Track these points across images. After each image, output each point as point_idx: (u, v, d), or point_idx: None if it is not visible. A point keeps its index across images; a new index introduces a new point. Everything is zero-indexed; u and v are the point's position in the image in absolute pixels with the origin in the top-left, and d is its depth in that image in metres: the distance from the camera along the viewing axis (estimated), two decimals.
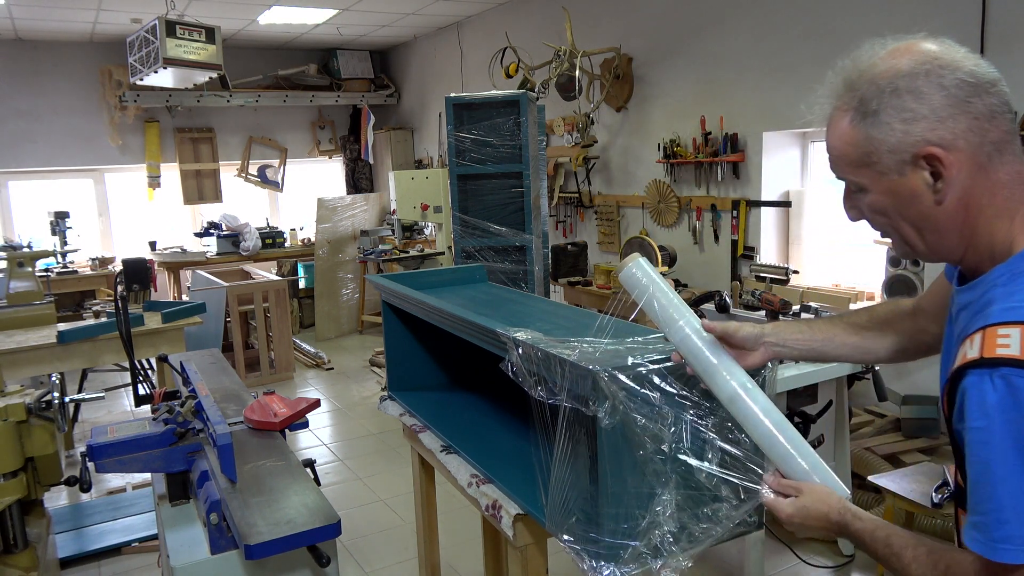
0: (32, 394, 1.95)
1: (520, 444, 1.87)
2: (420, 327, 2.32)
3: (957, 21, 3.40)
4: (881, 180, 0.99)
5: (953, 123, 0.93)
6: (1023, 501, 0.84)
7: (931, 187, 0.96)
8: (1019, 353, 0.84)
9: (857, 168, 1.01)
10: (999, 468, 0.85)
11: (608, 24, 5.47)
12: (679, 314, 1.23)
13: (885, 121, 0.96)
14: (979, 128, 0.94)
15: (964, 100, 0.93)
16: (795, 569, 2.99)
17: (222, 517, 1.52)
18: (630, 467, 1.29)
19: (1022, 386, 0.83)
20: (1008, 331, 0.86)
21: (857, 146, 0.99)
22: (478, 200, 3.86)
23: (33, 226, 7.16)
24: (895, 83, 0.95)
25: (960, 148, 0.94)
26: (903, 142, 0.95)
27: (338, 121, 8.99)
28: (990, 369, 0.86)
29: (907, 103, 0.94)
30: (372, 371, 6.20)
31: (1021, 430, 0.84)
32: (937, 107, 0.93)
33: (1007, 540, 0.85)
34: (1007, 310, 0.89)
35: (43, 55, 7.27)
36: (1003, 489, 0.85)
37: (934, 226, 0.99)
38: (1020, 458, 0.84)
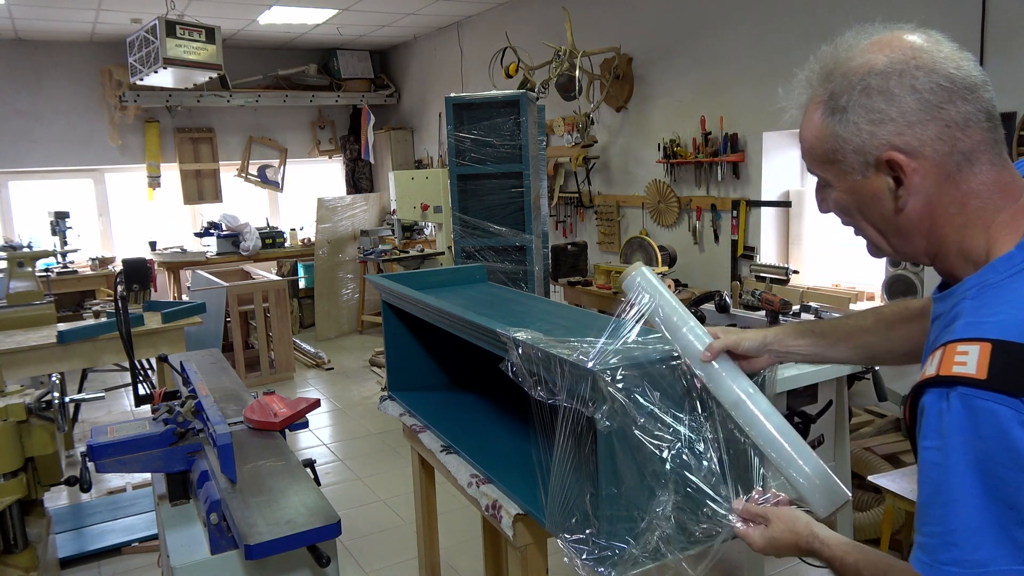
0: (32, 394, 1.95)
1: (520, 444, 1.87)
2: (420, 327, 2.32)
3: (957, 21, 3.40)
4: (845, 179, 0.97)
5: (922, 129, 0.90)
6: (973, 525, 0.81)
7: (893, 193, 0.93)
8: (975, 372, 0.80)
9: (823, 164, 0.99)
10: (950, 490, 0.82)
11: (608, 24, 5.47)
12: (682, 321, 1.25)
13: (853, 120, 0.93)
14: (949, 136, 0.90)
15: (936, 106, 0.89)
16: (795, 569, 2.99)
17: (222, 517, 1.52)
18: (629, 468, 1.29)
19: (978, 407, 0.80)
20: (967, 348, 0.82)
21: (824, 141, 0.97)
22: (478, 200, 3.86)
23: (33, 226, 7.17)
24: (867, 81, 0.93)
25: (926, 156, 0.90)
26: (868, 144, 0.92)
27: (338, 121, 8.99)
28: (947, 388, 0.82)
29: (876, 104, 0.91)
30: (372, 371, 6.20)
31: (975, 452, 0.80)
32: (907, 111, 0.90)
33: (954, 563, 0.82)
34: (970, 325, 0.85)
35: (43, 55, 7.27)
36: (952, 511, 0.82)
37: (896, 230, 0.96)
38: (973, 481, 0.81)
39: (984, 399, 0.79)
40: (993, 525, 0.81)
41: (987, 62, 3.31)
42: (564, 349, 1.34)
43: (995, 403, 0.78)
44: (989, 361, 0.80)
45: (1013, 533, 0.80)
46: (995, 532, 0.81)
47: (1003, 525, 0.81)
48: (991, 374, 0.79)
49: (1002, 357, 0.79)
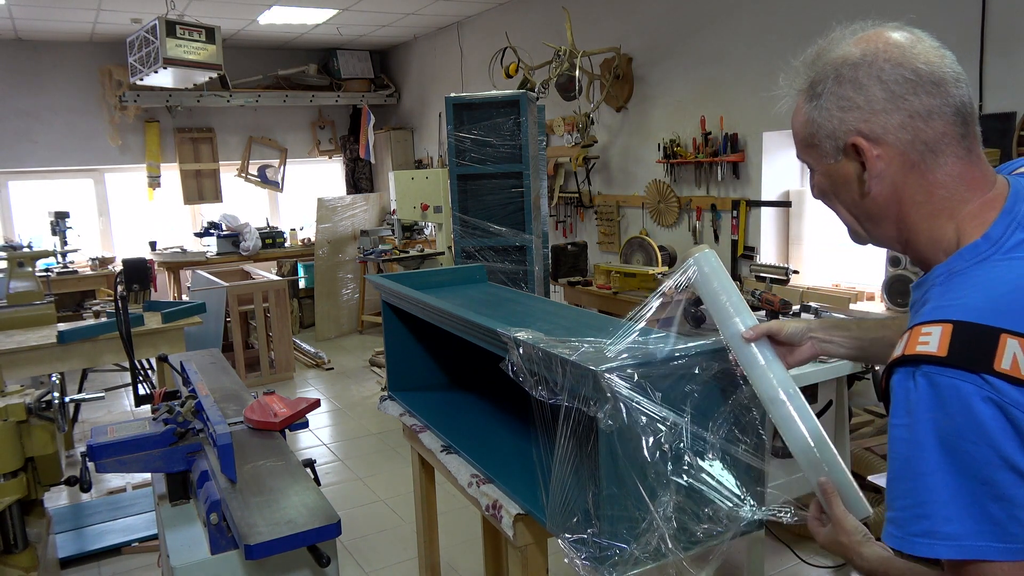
0: (32, 394, 1.95)
1: (520, 444, 1.87)
2: (420, 327, 2.32)
3: (957, 21, 3.40)
4: (821, 162, 1.03)
5: (886, 117, 0.94)
6: (943, 498, 0.83)
7: (859, 177, 0.98)
8: (936, 350, 0.83)
9: (805, 148, 1.05)
10: (919, 464, 0.85)
11: (608, 24, 5.47)
12: (736, 311, 1.26)
13: (825, 106, 0.99)
14: (912, 126, 0.94)
15: (901, 96, 0.93)
16: (795, 569, 2.99)
17: (222, 517, 1.51)
18: (630, 468, 1.29)
19: (942, 383, 0.83)
20: (930, 329, 0.86)
21: (805, 126, 1.03)
22: (478, 200, 3.86)
23: (33, 226, 7.17)
24: (840, 70, 0.97)
25: (889, 143, 0.95)
26: (838, 129, 0.98)
27: (338, 121, 8.99)
28: (912, 367, 0.86)
29: (846, 92, 0.96)
30: (372, 371, 6.20)
31: (941, 427, 0.83)
32: (872, 99, 0.95)
33: (925, 535, 0.85)
34: (934, 309, 0.89)
35: (43, 55, 7.27)
36: (922, 484, 0.84)
37: (867, 214, 1.01)
38: (941, 455, 0.83)
39: (947, 376, 0.82)
40: (965, 498, 0.82)
41: (987, 62, 3.31)
42: (565, 349, 1.34)
43: (957, 379, 0.81)
44: (950, 340, 0.83)
45: (988, 508, 0.82)
46: (967, 506, 0.83)
47: (976, 499, 0.82)
48: (951, 352, 0.82)
49: (961, 336, 0.83)
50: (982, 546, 0.82)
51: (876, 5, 3.97)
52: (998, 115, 3.29)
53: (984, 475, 0.81)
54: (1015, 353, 0.80)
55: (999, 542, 0.82)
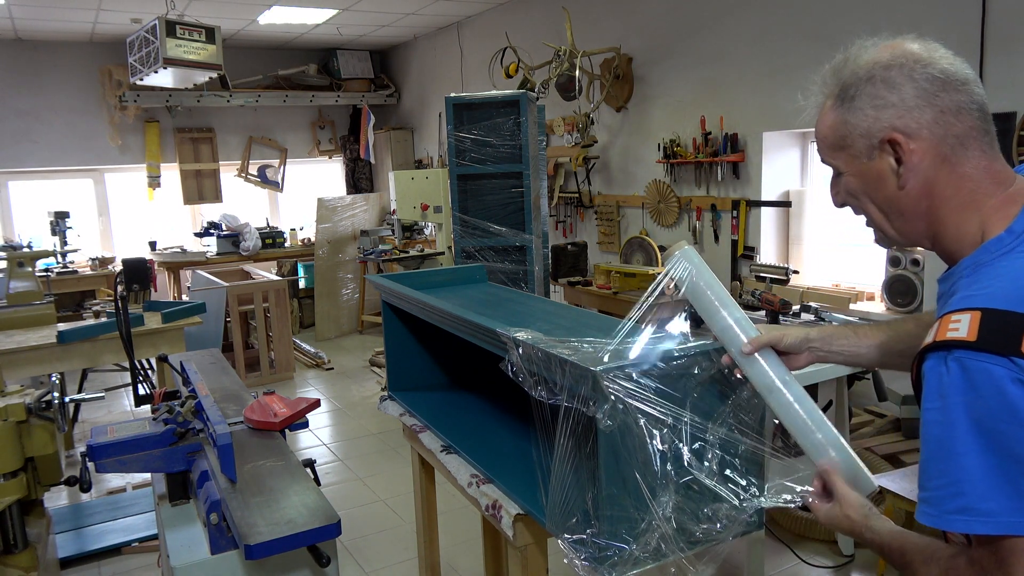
0: (32, 394, 1.95)
1: (520, 444, 1.87)
2: (420, 327, 2.32)
3: (957, 21, 3.40)
4: (854, 163, 1.06)
5: (919, 113, 0.99)
6: (977, 476, 0.86)
7: (895, 171, 1.02)
8: (967, 335, 0.88)
9: (835, 151, 1.08)
10: (954, 445, 0.88)
11: (608, 24, 5.47)
12: (722, 304, 1.27)
13: (859, 107, 1.03)
14: (944, 121, 0.99)
15: (932, 94, 0.99)
16: (795, 569, 2.99)
17: (222, 517, 1.51)
18: (629, 468, 1.29)
19: (973, 367, 0.87)
20: (960, 316, 0.90)
21: (836, 129, 1.07)
22: (478, 200, 3.86)
23: (33, 226, 7.17)
24: (872, 72, 1.03)
25: (924, 137, 1.00)
26: (873, 127, 1.02)
27: (338, 121, 8.99)
28: (944, 352, 0.90)
29: (880, 91, 1.01)
30: (372, 371, 6.20)
31: (974, 409, 0.86)
32: (906, 97, 1.00)
33: (960, 512, 0.87)
34: (964, 298, 0.93)
35: (43, 55, 7.27)
36: (956, 464, 0.87)
37: (899, 210, 1.05)
38: (974, 435, 0.86)
39: (977, 359, 0.87)
40: (998, 477, 0.86)
41: (987, 62, 3.31)
42: (564, 349, 1.34)
43: (988, 363, 0.86)
44: (979, 326, 0.88)
45: (1022, 485, 0.85)
46: (1001, 484, 0.86)
47: (1010, 478, 0.85)
48: (980, 336, 0.87)
49: (989, 322, 0.88)
50: (1017, 521, 0.85)
51: (876, 6, 3.98)
52: (998, 115, 3.29)
53: (1017, 453, 0.85)
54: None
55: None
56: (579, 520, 1.36)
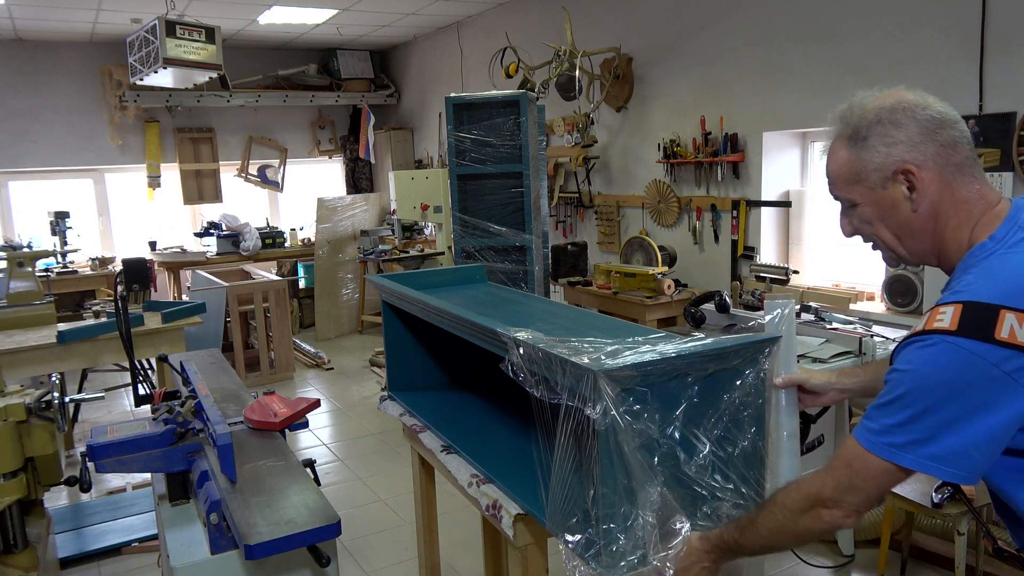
0: (32, 394, 1.95)
1: (520, 444, 1.87)
2: (420, 327, 2.32)
3: (957, 21, 3.40)
4: (869, 194, 1.22)
5: (924, 147, 1.17)
6: (934, 424, 1.04)
7: (908, 198, 1.19)
8: (949, 325, 1.04)
9: (851, 185, 1.24)
10: (920, 396, 1.05)
11: (608, 24, 5.47)
12: (787, 365, 1.52)
13: (872, 145, 1.20)
14: (944, 153, 1.17)
15: (932, 131, 1.17)
16: (795, 569, 2.99)
17: (222, 517, 1.51)
18: (629, 468, 1.29)
19: (948, 350, 1.03)
20: (945, 309, 1.06)
21: (851, 166, 1.23)
22: (478, 200, 3.85)
23: (33, 226, 7.16)
24: (880, 115, 1.20)
25: (930, 167, 1.17)
26: (886, 161, 1.19)
27: (338, 121, 8.99)
28: (927, 336, 1.06)
29: (889, 131, 1.18)
30: (372, 371, 6.20)
31: (948, 377, 1.03)
32: (912, 135, 1.17)
33: (904, 447, 1.06)
34: (951, 294, 1.10)
35: (43, 55, 7.27)
36: (915, 409, 1.05)
37: (910, 232, 1.21)
38: (943, 394, 1.03)
39: (955, 342, 1.03)
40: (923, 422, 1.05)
41: (987, 62, 3.31)
42: (565, 349, 1.34)
43: (964, 348, 1.02)
44: (960, 316, 1.04)
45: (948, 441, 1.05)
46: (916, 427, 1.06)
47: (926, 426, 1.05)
48: (961, 324, 1.03)
49: (969, 313, 1.03)
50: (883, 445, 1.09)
51: (877, 6, 3.98)
52: (998, 115, 3.29)
53: (953, 413, 1.03)
54: (1012, 324, 1.00)
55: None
56: (579, 520, 1.36)
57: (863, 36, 3.79)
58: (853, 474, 1.11)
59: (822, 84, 4.03)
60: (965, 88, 3.38)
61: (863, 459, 1.10)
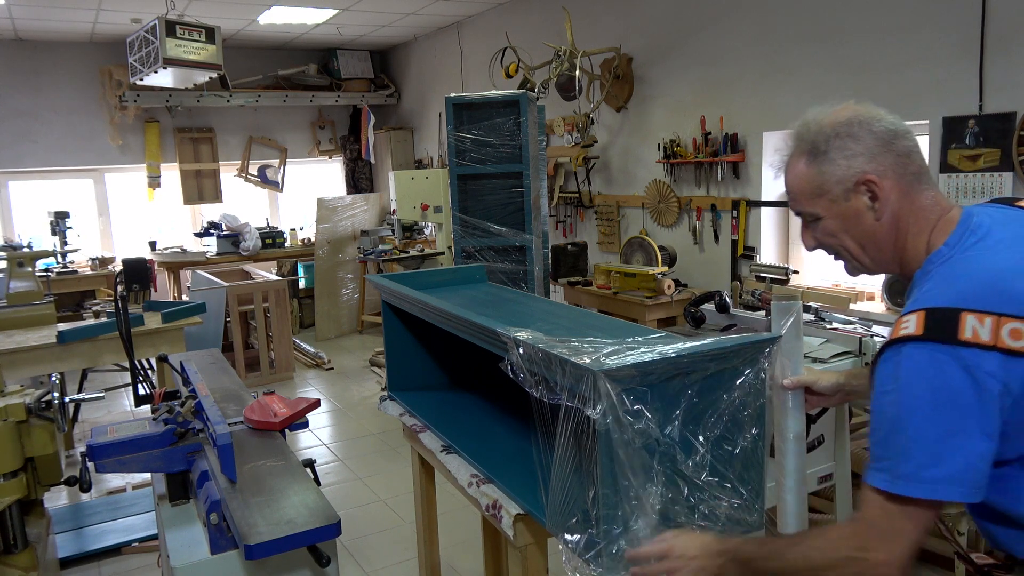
0: (32, 394, 1.95)
1: (520, 444, 1.87)
2: (420, 327, 2.32)
3: (957, 21, 3.40)
4: (832, 206, 1.25)
5: (883, 158, 1.20)
6: (929, 447, 1.04)
7: (871, 208, 1.22)
8: (915, 331, 1.07)
9: (813, 199, 1.26)
10: (908, 419, 1.05)
11: (608, 24, 5.47)
12: (795, 366, 1.53)
13: (832, 158, 1.22)
14: (902, 163, 1.20)
15: (889, 142, 1.20)
16: None
17: (222, 517, 1.51)
18: (629, 468, 1.29)
19: (917, 355, 1.05)
20: (909, 317, 1.09)
21: (812, 180, 1.25)
22: (478, 200, 3.85)
23: (33, 226, 7.16)
24: (837, 129, 1.22)
25: (889, 177, 1.20)
26: (847, 174, 1.22)
27: (338, 121, 8.99)
28: (897, 346, 1.08)
29: (848, 144, 1.21)
30: (372, 371, 6.20)
31: (925, 388, 1.04)
32: (870, 146, 1.20)
33: (908, 478, 1.06)
34: (912, 302, 1.13)
35: (43, 55, 7.27)
36: (907, 436, 1.06)
37: (874, 241, 1.24)
38: (927, 411, 1.04)
39: (924, 348, 1.06)
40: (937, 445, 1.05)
41: (987, 62, 3.31)
42: (564, 349, 1.34)
43: (933, 350, 1.05)
44: (924, 322, 1.07)
45: (939, 449, 1.06)
46: (931, 450, 1.06)
47: (938, 446, 1.06)
48: (925, 330, 1.06)
49: (932, 318, 1.06)
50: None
51: (877, 6, 3.98)
52: (998, 115, 3.29)
53: (949, 422, 1.04)
54: (973, 325, 1.04)
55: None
56: (579, 520, 1.36)
57: (863, 36, 3.79)
58: (888, 518, 1.08)
59: (822, 84, 4.03)
60: (965, 88, 3.39)
61: (887, 504, 1.08)
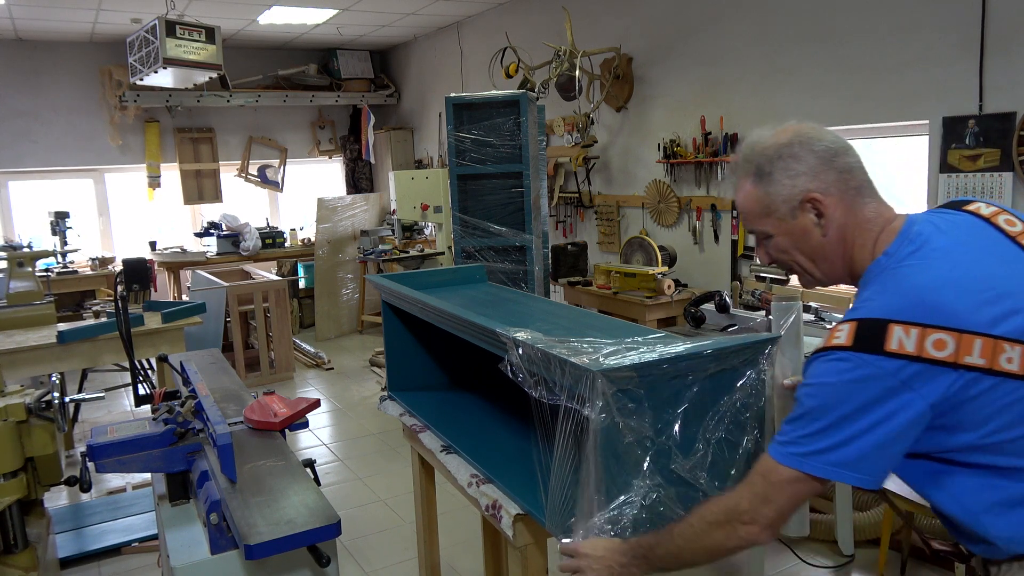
0: (32, 394, 1.95)
1: (520, 444, 1.87)
2: (420, 327, 2.32)
3: (957, 21, 3.40)
4: (780, 224, 1.29)
5: (825, 176, 1.25)
6: (829, 433, 1.11)
7: (817, 224, 1.27)
8: (845, 341, 1.11)
9: (763, 218, 1.31)
10: (819, 408, 1.12)
11: (608, 24, 5.47)
12: (795, 366, 1.53)
13: (777, 179, 1.27)
14: (843, 179, 1.25)
15: (829, 160, 1.25)
16: (795, 569, 2.99)
17: (222, 517, 1.51)
18: (628, 467, 1.29)
19: (843, 359, 1.11)
20: (843, 327, 1.13)
21: (760, 201, 1.30)
22: (478, 200, 3.85)
23: (33, 226, 7.16)
24: (780, 151, 1.27)
25: (833, 193, 1.25)
26: (792, 193, 1.26)
27: (338, 121, 8.99)
28: (828, 353, 1.13)
29: (790, 164, 1.26)
30: (372, 371, 6.20)
31: (842, 384, 1.10)
32: (812, 165, 1.25)
33: (803, 455, 1.13)
34: (849, 312, 1.17)
35: (43, 55, 7.27)
36: (812, 419, 1.12)
37: (823, 255, 1.29)
38: (837, 403, 1.10)
39: (850, 358, 1.10)
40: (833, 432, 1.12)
41: (987, 62, 3.31)
42: (564, 349, 1.34)
43: (856, 359, 1.10)
44: (854, 333, 1.11)
45: (836, 438, 1.12)
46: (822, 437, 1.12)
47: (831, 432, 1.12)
48: (855, 340, 1.10)
49: (862, 329, 1.11)
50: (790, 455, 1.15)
51: (877, 6, 3.98)
52: (998, 115, 3.29)
53: (847, 415, 1.10)
54: (899, 337, 1.08)
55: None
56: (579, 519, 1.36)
57: (863, 36, 3.79)
58: (768, 486, 1.16)
59: (822, 84, 4.03)
60: (965, 88, 3.39)
61: (776, 471, 1.15)
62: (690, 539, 1.22)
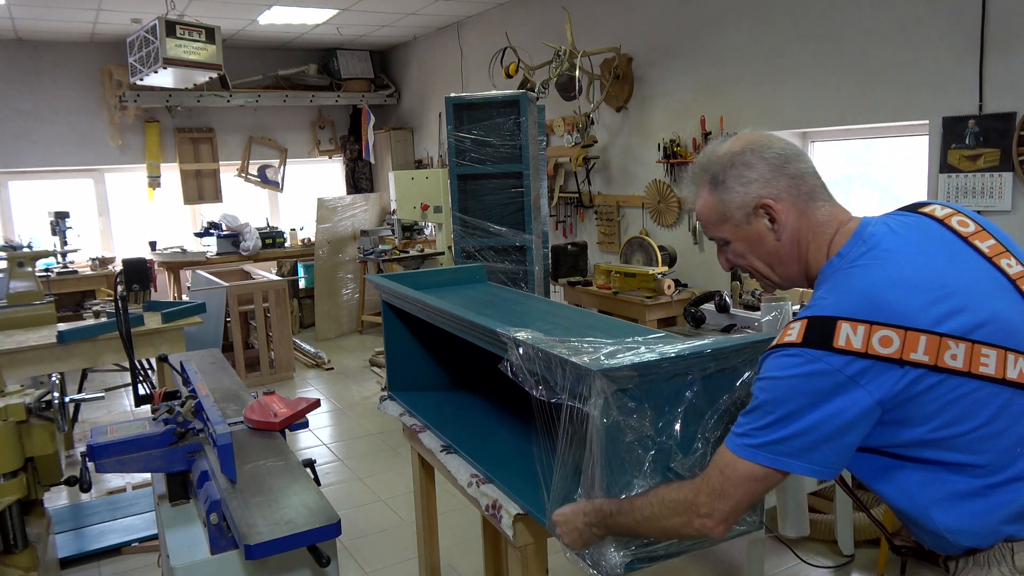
0: (32, 394, 1.95)
1: (520, 444, 1.87)
2: (420, 327, 2.32)
3: (957, 21, 3.40)
4: (737, 231, 1.33)
5: (776, 182, 1.28)
6: (780, 425, 1.13)
7: (771, 229, 1.30)
8: (795, 338, 1.14)
9: (719, 225, 1.35)
10: (771, 401, 1.14)
11: (608, 24, 5.47)
12: None
13: (730, 187, 1.31)
14: (795, 185, 1.29)
15: (780, 166, 1.29)
16: (795, 569, 2.99)
17: (222, 517, 1.51)
18: (629, 467, 1.29)
19: (795, 353, 1.13)
20: (794, 325, 1.16)
21: (715, 208, 1.34)
22: (478, 200, 3.86)
23: (33, 226, 7.16)
24: (732, 159, 1.31)
25: (784, 199, 1.28)
26: (745, 199, 1.30)
27: (338, 121, 8.99)
28: (778, 349, 1.16)
29: (742, 172, 1.30)
30: (372, 371, 6.20)
31: (792, 379, 1.12)
32: (763, 172, 1.29)
33: (758, 448, 1.14)
34: (802, 311, 1.20)
35: (43, 55, 7.27)
36: (766, 412, 1.14)
37: (779, 259, 1.32)
38: (787, 398, 1.12)
39: (800, 354, 1.13)
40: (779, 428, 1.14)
41: (987, 62, 3.31)
42: (564, 349, 1.34)
43: (806, 355, 1.12)
44: (804, 330, 1.14)
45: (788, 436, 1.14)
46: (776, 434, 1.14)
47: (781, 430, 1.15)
48: (804, 338, 1.13)
49: (811, 326, 1.14)
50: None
51: (877, 6, 3.97)
52: (998, 115, 3.29)
53: (794, 413, 1.13)
54: (847, 334, 1.11)
55: None
56: None
57: (863, 36, 3.79)
58: (724, 480, 1.18)
59: (822, 84, 4.03)
60: (965, 88, 3.39)
61: (732, 466, 1.17)
62: (648, 517, 1.25)
